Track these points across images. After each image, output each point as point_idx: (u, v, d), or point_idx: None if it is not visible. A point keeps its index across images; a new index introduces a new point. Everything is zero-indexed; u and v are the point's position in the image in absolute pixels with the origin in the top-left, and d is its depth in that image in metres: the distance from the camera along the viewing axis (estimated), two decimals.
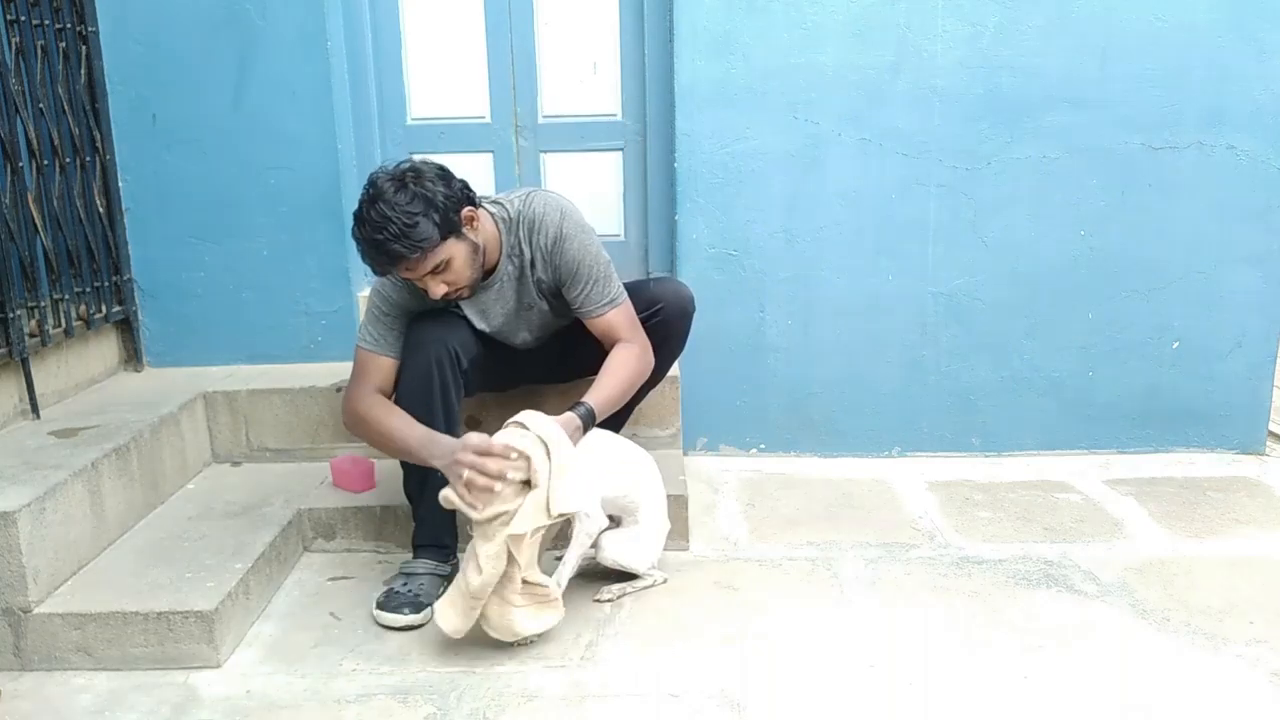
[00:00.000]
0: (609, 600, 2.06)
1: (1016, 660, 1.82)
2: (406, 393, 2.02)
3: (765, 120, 2.67)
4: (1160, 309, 2.76)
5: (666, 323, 2.21)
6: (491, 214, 2.07)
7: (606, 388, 2.04)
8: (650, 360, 2.14)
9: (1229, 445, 2.85)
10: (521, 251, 2.08)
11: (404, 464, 2.09)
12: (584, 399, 2.01)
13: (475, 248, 1.97)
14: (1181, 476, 2.70)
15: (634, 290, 2.18)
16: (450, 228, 1.88)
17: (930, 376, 2.83)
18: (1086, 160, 2.68)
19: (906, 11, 2.60)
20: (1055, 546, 2.28)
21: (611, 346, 2.10)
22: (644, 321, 2.16)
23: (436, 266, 1.90)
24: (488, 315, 2.14)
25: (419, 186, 1.84)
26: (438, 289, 1.93)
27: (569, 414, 1.95)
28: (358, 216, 1.86)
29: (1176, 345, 2.79)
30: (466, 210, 1.92)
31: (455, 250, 1.91)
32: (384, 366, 2.06)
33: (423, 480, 2.06)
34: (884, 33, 2.61)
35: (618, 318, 2.10)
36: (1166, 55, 2.61)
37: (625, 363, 2.08)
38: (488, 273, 2.08)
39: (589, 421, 1.98)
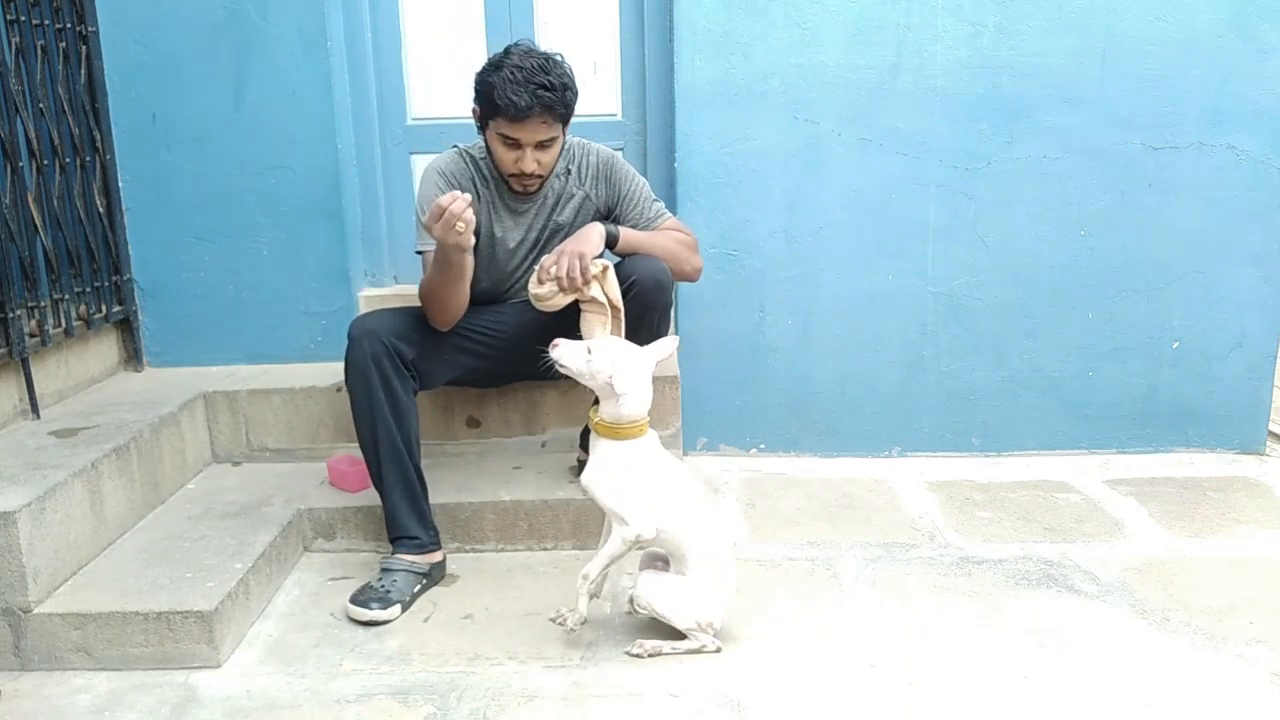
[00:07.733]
0: (638, 655, 1.83)
1: (1016, 660, 1.82)
2: (352, 390, 2.06)
3: (765, 120, 2.67)
4: (1160, 309, 2.77)
5: (642, 294, 2.11)
6: None
7: (645, 234, 2.19)
8: (698, 264, 2.26)
9: (1229, 445, 2.85)
10: (569, 171, 2.22)
11: (366, 456, 2.10)
12: (620, 227, 2.15)
13: (564, 147, 2.16)
14: (1181, 476, 2.70)
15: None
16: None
17: (930, 376, 2.83)
18: (1086, 160, 2.68)
19: (906, 11, 2.60)
20: (1055, 546, 2.28)
21: None
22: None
23: (549, 140, 2.04)
24: (519, 221, 2.22)
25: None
26: (530, 164, 2.06)
27: (600, 223, 2.09)
28: (520, 56, 1.96)
29: (1176, 345, 2.79)
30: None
31: (561, 138, 2.08)
32: None
33: (379, 472, 2.08)
34: (884, 33, 2.61)
35: (674, 223, 2.28)
36: (1166, 55, 2.61)
37: (672, 233, 2.23)
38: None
39: (613, 239, 2.11)
